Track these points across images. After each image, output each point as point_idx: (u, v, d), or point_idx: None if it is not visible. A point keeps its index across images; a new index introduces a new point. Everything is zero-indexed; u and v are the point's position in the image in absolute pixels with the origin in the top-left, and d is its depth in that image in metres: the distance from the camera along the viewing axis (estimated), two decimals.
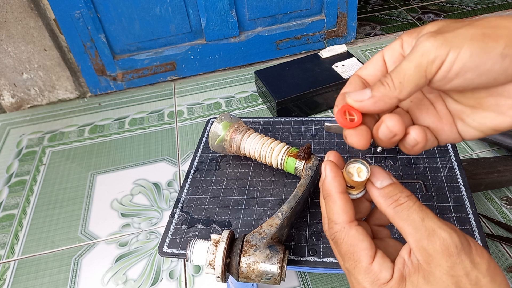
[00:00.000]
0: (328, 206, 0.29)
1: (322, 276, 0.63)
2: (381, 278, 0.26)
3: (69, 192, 0.84)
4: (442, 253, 0.24)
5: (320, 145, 0.59)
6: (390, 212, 0.27)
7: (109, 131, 0.99)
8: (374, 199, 0.28)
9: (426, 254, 0.25)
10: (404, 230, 0.26)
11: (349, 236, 0.27)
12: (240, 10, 1.08)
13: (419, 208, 0.26)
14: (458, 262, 0.24)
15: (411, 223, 0.25)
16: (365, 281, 0.26)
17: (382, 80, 0.25)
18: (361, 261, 0.27)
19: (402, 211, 0.26)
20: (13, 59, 1.01)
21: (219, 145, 0.56)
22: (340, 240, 0.28)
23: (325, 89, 0.92)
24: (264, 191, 0.54)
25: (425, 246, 0.25)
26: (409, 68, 0.24)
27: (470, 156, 0.81)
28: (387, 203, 0.27)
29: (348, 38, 1.22)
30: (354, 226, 0.28)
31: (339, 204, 0.28)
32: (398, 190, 0.27)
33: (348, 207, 0.28)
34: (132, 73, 1.11)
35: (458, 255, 0.24)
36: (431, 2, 1.43)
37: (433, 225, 0.25)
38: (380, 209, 0.27)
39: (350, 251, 0.27)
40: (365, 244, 0.27)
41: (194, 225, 0.50)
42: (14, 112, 1.11)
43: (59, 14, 0.97)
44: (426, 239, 0.25)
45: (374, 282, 0.26)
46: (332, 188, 0.28)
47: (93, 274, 0.68)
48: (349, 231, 0.27)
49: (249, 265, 0.40)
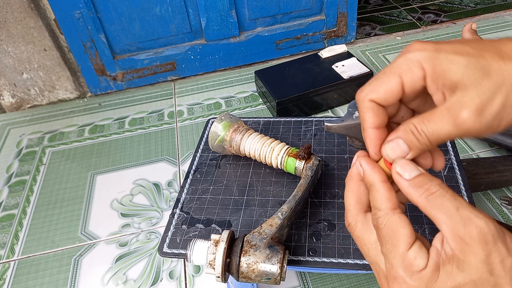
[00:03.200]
0: (372, 195, 0.29)
1: (322, 276, 0.63)
2: (415, 266, 0.26)
3: (69, 192, 0.84)
4: (479, 241, 0.24)
5: (320, 145, 0.59)
6: (422, 202, 0.27)
7: (109, 131, 0.99)
8: (404, 191, 0.28)
9: (462, 243, 0.25)
10: (438, 219, 0.26)
11: (390, 221, 0.27)
12: (240, 10, 1.08)
13: (452, 197, 0.26)
14: (494, 250, 0.24)
15: (445, 212, 0.25)
16: (399, 266, 0.26)
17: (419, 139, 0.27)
18: (399, 246, 0.27)
19: (435, 199, 0.26)
20: (13, 59, 1.01)
21: (219, 145, 0.56)
22: (382, 225, 0.28)
23: (325, 89, 0.92)
24: (264, 191, 0.54)
25: (461, 235, 0.25)
26: (448, 138, 0.26)
27: (470, 156, 0.81)
28: (419, 193, 0.27)
29: (348, 38, 1.22)
30: (397, 212, 0.28)
31: (382, 192, 0.28)
32: (428, 179, 0.27)
33: (391, 195, 0.28)
34: (132, 73, 1.11)
35: (494, 243, 0.24)
36: (431, 2, 1.43)
37: (469, 213, 0.25)
38: (411, 199, 0.27)
39: (390, 235, 0.27)
40: (405, 231, 0.27)
41: (194, 225, 0.50)
42: (14, 112, 1.11)
43: (59, 14, 0.97)
44: (462, 228, 0.25)
45: (407, 269, 0.26)
46: (373, 178, 0.29)
47: (93, 274, 0.68)
48: (391, 217, 0.27)
49: (249, 265, 0.40)
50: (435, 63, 0.25)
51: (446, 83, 0.25)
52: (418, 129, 0.26)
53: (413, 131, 0.27)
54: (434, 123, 0.26)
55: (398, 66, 0.26)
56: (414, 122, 0.27)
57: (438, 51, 0.25)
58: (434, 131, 0.26)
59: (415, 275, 0.26)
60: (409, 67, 0.26)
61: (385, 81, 0.27)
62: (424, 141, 0.26)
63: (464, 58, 0.25)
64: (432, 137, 0.26)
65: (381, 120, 0.28)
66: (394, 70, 0.27)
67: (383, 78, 0.27)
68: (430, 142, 0.26)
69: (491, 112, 0.24)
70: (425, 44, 0.26)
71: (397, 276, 0.27)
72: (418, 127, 0.26)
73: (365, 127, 0.29)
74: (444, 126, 0.25)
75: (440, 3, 1.42)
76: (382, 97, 0.27)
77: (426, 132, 0.26)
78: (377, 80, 0.27)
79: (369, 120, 0.28)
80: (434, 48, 0.25)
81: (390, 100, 0.27)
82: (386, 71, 0.27)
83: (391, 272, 0.27)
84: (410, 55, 0.26)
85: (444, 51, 0.25)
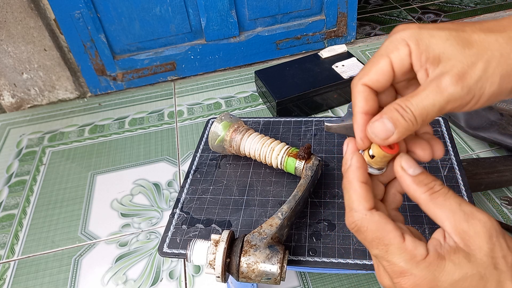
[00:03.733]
0: (349, 195, 0.28)
1: (322, 276, 0.63)
2: (418, 255, 0.26)
3: (69, 192, 0.84)
4: (484, 235, 0.25)
5: (320, 145, 0.59)
6: (424, 199, 0.27)
7: (109, 131, 0.99)
8: (406, 186, 0.28)
9: (466, 236, 0.25)
10: (440, 216, 0.26)
11: (373, 222, 0.27)
12: (240, 10, 1.08)
13: (454, 195, 0.26)
14: (497, 244, 0.25)
15: (448, 208, 0.26)
16: (400, 260, 0.26)
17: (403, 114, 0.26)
18: (392, 243, 0.26)
19: (438, 197, 0.26)
20: (13, 59, 1.01)
21: (219, 145, 0.56)
22: (364, 228, 0.27)
23: (325, 89, 0.92)
24: (264, 191, 0.54)
25: (464, 229, 0.25)
26: (433, 110, 0.25)
27: (470, 156, 0.81)
28: (421, 191, 0.27)
29: (348, 38, 1.22)
30: (375, 212, 0.27)
31: (360, 192, 0.28)
32: (432, 179, 0.27)
33: (369, 195, 0.28)
34: (132, 73, 1.11)
35: (497, 237, 0.25)
36: (431, 2, 1.43)
37: (471, 209, 0.26)
38: (412, 195, 0.27)
39: (378, 237, 0.27)
40: (391, 226, 0.27)
41: (194, 225, 0.50)
42: (14, 112, 1.11)
43: (59, 14, 0.97)
44: (465, 222, 0.25)
45: (411, 260, 0.26)
46: (354, 177, 0.28)
47: (93, 274, 0.68)
48: (372, 217, 0.27)
49: (249, 265, 0.40)
50: (418, 38, 0.26)
51: (429, 57, 0.25)
52: (402, 105, 0.26)
53: (397, 109, 0.26)
54: (417, 97, 0.26)
55: (386, 47, 0.27)
56: (398, 101, 0.27)
57: (421, 28, 0.26)
58: (418, 104, 0.25)
59: (421, 263, 0.25)
60: (395, 46, 0.26)
61: (374, 63, 0.27)
62: (409, 117, 0.26)
63: (445, 32, 0.25)
64: (417, 111, 0.26)
65: (371, 106, 0.28)
66: (382, 52, 0.27)
67: (373, 61, 0.28)
68: (415, 117, 0.26)
69: (473, 77, 0.24)
70: (408, 24, 0.27)
71: (403, 271, 0.26)
72: (403, 104, 0.26)
73: (355, 112, 0.28)
74: (428, 95, 0.25)
75: (440, 3, 1.42)
76: (374, 78, 0.27)
77: (411, 107, 0.26)
78: (368, 64, 0.28)
79: (359, 105, 0.28)
80: (417, 26, 0.26)
81: (382, 81, 0.27)
82: (375, 55, 0.28)
83: (393, 269, 0.26)
84: (395, 36, 0.27)
85: (426, 28, 0.26)
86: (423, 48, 0.26)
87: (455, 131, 0.87)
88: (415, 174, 0.27)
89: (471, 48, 0.24)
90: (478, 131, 0.78)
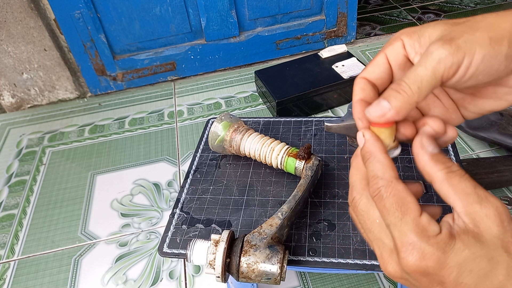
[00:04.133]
0: (372, 165, 0.28)
1: (322, 276, 0.63)
2: (430, 231, 0.25)
3: (69, 192, 0.84)
4: (495, 218, 0.25)
5: (320, 145, 0.59)
6: (440, 176, 0.26)
7: (109, 131, 0.99)
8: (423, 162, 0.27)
9: (478, 218, 0.25)
10: (452, 196, 0.26)
11: (397, 190, 0.27)
12: (240, 10, 1.08)
13: (470, 178, 0.26)
14: (508, 229, 0.25)
15: (462, 189, 0.26)
16: (411, 232, 0.25)
17: (397, 88, 0.27)
18: (410, 213, 0.26)
19: (454, 177, 0.26)
20: (13, 59, 1.01)
21: (219, 145, 0.56)
22: (387, 193, 0.27)
23: (325, 89, 0.92)
24: (264, 191, 0.54)
25: (477, 210, 0.25)
26: (427, 74, 0.26)
27: (470, 156, 0.81)
28: (439, 168, 0.26)
29: (348, 38, 1.22)
30: (401, 181, 0.27)
31: (384, 162, 0.28)
32: (449, 160, 0.27)
33: (393, 165, 0.28)
34: (132, 73, 1.11)
35: (509, 222, 0.25)
36: (431, 2, 1.43)
37: (486, 193, 0.26)
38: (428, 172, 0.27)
39: (398, 203, 0.26)
40: (413, 198, 0.27)
41: (194, 225, 0.50)
42: (14, 112, 1.11)
43: (59, 14, 0.97)
44: (478, 204, 0.25)
45: (422, 233, 0.25)
46: (375, 149, 0.28)
47: (93, 274, 0.68)
48: (397, 185, 0.27)
49: (249, 265, 0.40)
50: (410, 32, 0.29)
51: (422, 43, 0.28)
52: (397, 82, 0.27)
53: (391, 87, 0.27)
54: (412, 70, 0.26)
55: (383, 47, 0.30)
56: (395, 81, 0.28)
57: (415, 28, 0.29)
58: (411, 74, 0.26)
59: (431, 239, 0.25)
60: (390, 43, 0.30)
61: (373, 60, 0.31)
62: (404, 88, 0.26)
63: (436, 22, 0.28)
64: (410, 79, 0.26)
65: (367, 94, 0.29)
66: (380, 50, 0.31)
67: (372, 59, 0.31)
68: (409, 86, 0.26)
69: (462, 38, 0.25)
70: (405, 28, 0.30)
71: (411, 242, 0.25)
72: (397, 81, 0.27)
73: (353, 101, 0.30)
74: (420, 63, 0.26)
75: (440, 3, 1.42)
76: (370, 70, 0.30)
77: (405, 79, 0.26)
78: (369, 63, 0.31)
79: (356, 93, 0.30)
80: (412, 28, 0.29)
81: (378, 72, 0.30)
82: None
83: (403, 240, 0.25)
84: (392, 37, 0.30)
85: (421, 26, 0.29)
86: (415, 37, 0.28)
87: None
88: (434, 152, 0.27)
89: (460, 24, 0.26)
90: (478, 131, 0.78)
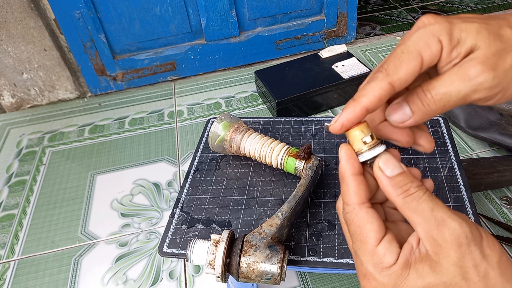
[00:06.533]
0: (342, 188, 0.29)
1: (322, 276, 0.63)
2: (384, 262, 0.26)
3: (69, 192, 0.84)
4: (452, 243, 0.24)
5: (320, 145, 0.59)
6: (399, 202, 0.26)
7: (109, 131, 0.99)
8: (383, 188, 0.27)
9: (436, 244, 0.24)
10: (413, 221, 0.26)
11: (358, 217, 0.27)
12: (240, 10, 1.08)
13: (429, 198, 0.26)
14: (467, 253, 0.24)
15: (420, 213, 0.25)
16: (368, 263, 0.26)
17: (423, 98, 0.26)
18: (367, 243, 0.26)
19: (411, 201, 0.26)
20: (13, 59, 1.01)
21: (219, 145, 0.56)
22: (350, 220, 0.28)
23: (325, 89, 0.92)
24: (264, 191, 0.54)
25: (434, 236, 0.24)
26: (457, 96, 0.25)
27: (470, 156, 0.81)
28: (397, 193, 0.26)
29: (348, 38, 1.22)
30: (364, 207, 0.27)
31: (351, 185, 0.28)
32: (409, 180, 0.26)
33: (360, 189, 0.28)
34: (132, 73, 1.11)
35: (468, 245, 0.24)
36: (431, 2, 1.43)
37: (443, 215, 0.25)
38: (389, 198, 0.27)
39: (358, 232, 0.27)
40: (373, 226, 0.27)
41: (194, 225, 0.50)
42: (14, 112, 1.11)
43: (59, 14, 0.97)
44: (435, 229, 0.24)
45: (376, 265, 0.26)
46: (345, 170, 0.28)
47: (93, 274, 0.68)
48: (358, 212, 0.27)
49: (249, 265, 0.40)
50: (450, 33, 0.25)
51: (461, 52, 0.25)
52: (424, 89, 0.26)
53: (418, 93, 0.26)
54: (441, 81, 0.25)
55: (415, 43, 0.25)
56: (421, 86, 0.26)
57: (450, 22, 0.25)
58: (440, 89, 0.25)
59: (384, 271, 0.26)
60: (427, 43, 0.25)
61: (405, 62, 0.25)
62: (431, 104, 0.25)
63: (475, 25, 0.25)
64: (438, 96, 0.25)
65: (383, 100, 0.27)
66: (411, 48, 0.25)
67: (402, 58, 0.25)
68: (435, 102, 0.25)
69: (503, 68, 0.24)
70: (435, 17, 0.26)
71: (367, 273, 0.26)
72: (424, 88, 0.26)
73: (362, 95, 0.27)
74: (453, 82, 0.25)
75: (440, 3, 1.42)
76: (404, 78, 0.25)
77: (432, 91, 0.25)
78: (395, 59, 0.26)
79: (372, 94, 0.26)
80: (446, 20, 0.25)
81: (410, 81, 0.26)
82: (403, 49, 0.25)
83: (361, 269, 0.27)
84: (424, 30, 0.25)
85: (456, 22, 0.25)
86: (455, 43, 0.25)
87: (455, 131, 0.87)
88: (392, 175, 0.27)
89: (502, 41, 0.24)
90: (478, 131, 0.78)
